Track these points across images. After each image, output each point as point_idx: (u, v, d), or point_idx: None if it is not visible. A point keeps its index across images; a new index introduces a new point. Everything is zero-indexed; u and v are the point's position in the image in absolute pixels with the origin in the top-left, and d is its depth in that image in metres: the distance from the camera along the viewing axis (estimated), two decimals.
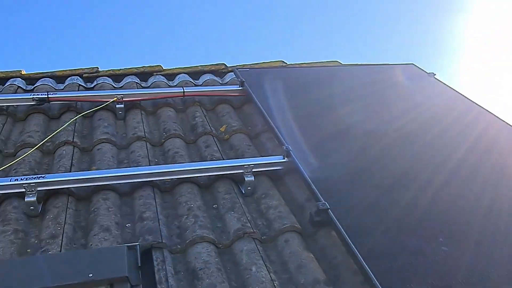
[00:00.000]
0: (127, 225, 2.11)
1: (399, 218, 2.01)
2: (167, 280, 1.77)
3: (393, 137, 2.74)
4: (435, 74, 3.81)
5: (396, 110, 3.13)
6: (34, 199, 2.11)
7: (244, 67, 3.84)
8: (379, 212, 2.05)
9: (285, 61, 4.08)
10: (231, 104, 3.33)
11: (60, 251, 1.87)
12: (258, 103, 2.98)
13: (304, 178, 2.23)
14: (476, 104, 3.27)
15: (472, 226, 2.01)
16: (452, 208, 2.12)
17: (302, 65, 4.04)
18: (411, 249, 1.83)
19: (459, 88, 3.52)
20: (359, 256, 1.75)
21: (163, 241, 1.95)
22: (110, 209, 2.14)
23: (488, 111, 3.19)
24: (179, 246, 2.00)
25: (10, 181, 2.12)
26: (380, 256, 1.78)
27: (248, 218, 2.15)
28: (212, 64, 3.94)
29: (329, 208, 2.00)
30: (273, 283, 1.81)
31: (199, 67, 3.89)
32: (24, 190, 2.11)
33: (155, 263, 1.86)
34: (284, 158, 2.46)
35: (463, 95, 3.42)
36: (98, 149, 2.64)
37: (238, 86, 3.39)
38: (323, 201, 2.04)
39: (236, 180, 2.45)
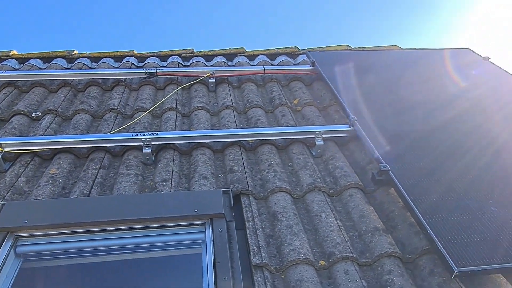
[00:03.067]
0: (220, 175, 2.24)
1: (452, 181, 1.97)
2: (253, 219, 1.89)
3: (448, 113, 2.63)
4: (489, 58, 3.57)
5: (453, 89, 2.98)
6: (149, 151, 2.29)
7: (314, 49, 3.82)
8: (434, 175, 2.01)
9: (349, 45, 3.99)
10: (302, 81, 3.34)
11: (171, 191, 2.04)
12: (328, 80, 2.98)
13: (368, 144, 2.23)
14: None
15: None
16: (502, 175, 2.04)
17: (365, 49, 3.93)
18: (462, 207, 1.80)
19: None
20: (416, 210, 1.76)
21: (249, 189, 2.06)
22: (206, 162, 2.28)
23: None
24: (262, 194, 2.09)
25: (132, 136, 2.31)
26: (434, 211, 1.77)
27: (318, 175, 2.20)
28: (286, 47, 3.93)
29: (389, 169, 2.01)
30: (339, 228, 1.86)
31: (275, 49, 3.90)
32: (142, 143, 2.30)
33: (243, 205, 1.98)
34: (349, 127, 2.46)
35: None
36: (195, 115, 2.77)
37: (309, 66, 3.38)
38: (385, 163, 2.04)
39: (307, 144, 2.50)
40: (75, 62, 3.59)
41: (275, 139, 2.47)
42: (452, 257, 1.52)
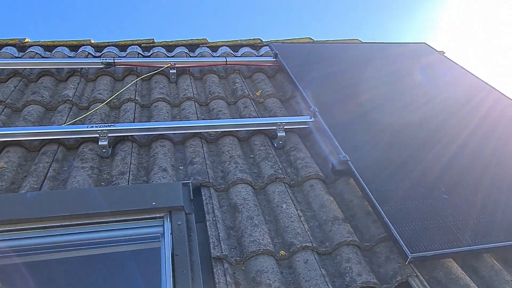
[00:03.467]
0: (180, 168, 2.20)
1: (408, 172, 2.02)
2: (213, 212, 1.86)
3: (406, 105, 2.71)
4: (444, 52, 3.70)
5: (410, 81, 3.07)
6: (106, 143, 2.20)
7: (277, 41, 3.81)
8: (391, 166, 2.06)
9: (312, 38, 4.02)
10: (265, 73, 3.33)
11: (128, 184, 1.98)
12: (290, 72, 2.98)
13: (328, 135, 2.26)
14: (476, 77, 3.20)
15: (470, 183, 2.01)
16: (455, 165, 2.12)
17: (327, 42, 3.96)
18: (417, 195, 1.86)
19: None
20: (373, 199, 1.80)
21: (210, 181, 2.03)
22: (166, 154, 2.22)
23: (486, 83, 3.13)
24: (222, 186, 2.07)
25: (87, 127, 2.22)
26: (391, 200, 1.81)
27: (280, 166, 2.20)
28: (250, 39, 3.90)
29: (349, 160, 2.04)
30: (300, 218, 1.87)
31: (239, 41, 3.86)
32: (98, 135, 2.21)
33: (203, 198, 1.95)
34: (311, 118, 2.48)
35: (467, 70, 3.33)
36: (155, 106, 2.70)
37: (272, 57, 3.37)
38: (344, 154, 2.07)
39: (269, 135, 2.49)
40: (27, 51, 3.39)
41: (237, 130, 2.45)
42: (406, 244, 1.57)
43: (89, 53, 3.44)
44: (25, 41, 3.55)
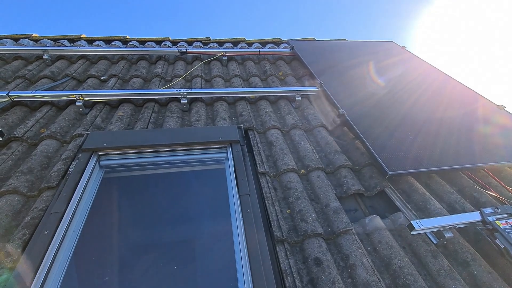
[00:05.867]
0: (233, 118, 2.15)
1: (384, 122, 1.94)
2: (257, 145, 1.84)
3: (381, 80, 2.56)
4: (406, 47, 3.46)
5: (382, 66, 2.89)
6: (185, 101, 2.16)
7: (292, 40, 3.60)
8: (375, 118, 1.98)
9: (315, 38, 3.78)
10: (284, 60, 3.17)
11: (202, 127, 1.95)
12: (302, 58, 2.83)
13: (331, 98, 2.17)
14: (427, 62, 2.99)
15: (426, 129, 1.93)
16: (415, 119, 2.02)
17: (325, 40, 3.73)
18: (391, 136, 1.79)
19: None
20: (363, 138, 1.74)
21: (254, 126, 1.99)
22: (224, 110, 2.18)
23: (434, 66, 2.92)
24: (261, 129, 2.03)
25: (174, 91, 2.17)
26: (374, 138, 1.75)
27: (297, 119, 2.14)
28: (273, 38, 3.69)
29: (345, 113, 1.96)
30: (313, 150, 1.84)
31: (265, 39, 3.66)
32: (180, 96, 2.17)
33: (250, 137, 1.92)
34: (318, 88, 2.37)
35: (420, 58, 3.11)
36: (215, 80, 2.62)
37: (289, 49, 3.20)
38: (342, 109, 1.99)
39: (290, 99, 2.41)
40: (128, 44, 3.29)
41: (268, 95, 2.37)
42: (386, 165, 1.53)
43: (168, 45, 3.32)
44: (126, 37, 3.44)
